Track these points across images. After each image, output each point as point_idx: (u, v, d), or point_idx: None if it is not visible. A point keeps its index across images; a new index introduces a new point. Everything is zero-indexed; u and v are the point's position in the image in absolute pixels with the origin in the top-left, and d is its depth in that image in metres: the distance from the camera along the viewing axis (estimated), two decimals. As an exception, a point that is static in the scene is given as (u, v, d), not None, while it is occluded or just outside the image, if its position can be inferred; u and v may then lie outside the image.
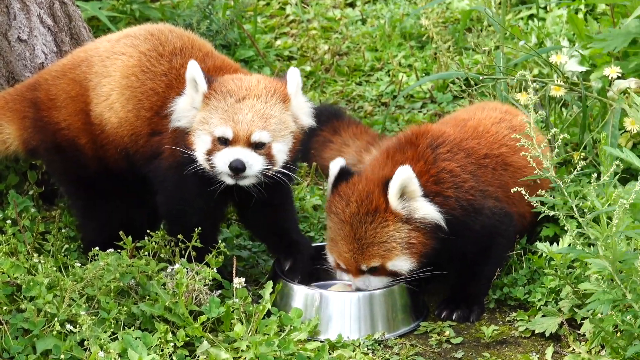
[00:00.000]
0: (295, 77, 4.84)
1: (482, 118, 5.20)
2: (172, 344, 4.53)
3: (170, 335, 4.54)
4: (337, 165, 4.94)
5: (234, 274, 4.79)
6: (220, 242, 5.03)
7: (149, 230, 4.96)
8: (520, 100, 5.65)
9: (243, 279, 4.77)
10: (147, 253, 4.90)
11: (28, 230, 5.22)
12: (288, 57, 7.67)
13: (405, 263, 4.81)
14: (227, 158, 4.71)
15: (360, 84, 7.35)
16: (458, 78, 6.75)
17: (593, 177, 4.39)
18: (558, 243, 4.92)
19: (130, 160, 5.06)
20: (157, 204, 5.05)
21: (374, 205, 4.77)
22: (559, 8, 7.54)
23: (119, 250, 4.86)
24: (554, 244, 4.89)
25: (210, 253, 4.81)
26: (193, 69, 4.78)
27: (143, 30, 5.15)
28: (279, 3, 8.37)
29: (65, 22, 5.73)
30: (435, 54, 7.38)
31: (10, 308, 4.52)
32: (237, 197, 4.95)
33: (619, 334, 4.44)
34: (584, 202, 4.44)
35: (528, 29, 7.36)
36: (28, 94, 5.23)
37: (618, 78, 5.66)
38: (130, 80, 5.00)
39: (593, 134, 5.65)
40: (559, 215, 4.34)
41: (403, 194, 4.75)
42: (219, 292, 4.90)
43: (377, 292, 4.88)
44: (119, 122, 5.02)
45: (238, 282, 4.75)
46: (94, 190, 5.16)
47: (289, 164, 4.84)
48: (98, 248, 4.85)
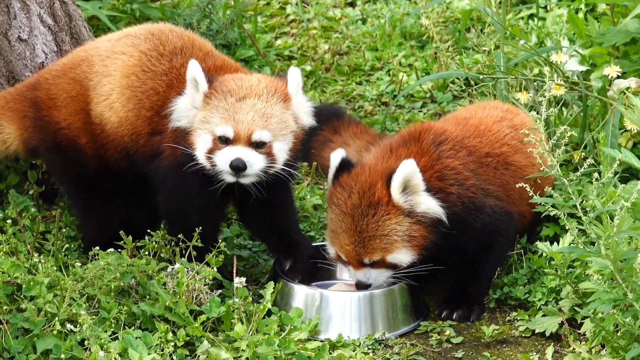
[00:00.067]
0: (296, 76, 4.84)
1: (483, 116, 5.19)
2: (172, 344, 4.52)
3: (171, 335, 4.54)
4: (338, 156, 4.92)
5: (235, 274, 4.79)
6: (221, 241, 5.03)
7: (149, 230, 4.96)
8: (521, 100, 5.65)
9: (243, 279, 4.77)
10: (147, 253, 4.90)
11: (28, 230, 5.22)
12: (288, 56, 7.67)
13: (406, 256, 4.80)
14: (228, 157, 4.71)
15: (361, 84, 7.35)
16: (458, 78, 6.75)
17: (594, 176, 4.39)
18: (558, 243, 4.91)
19: (131, 160, 5.06)
20: (157, 204, 5.05)
21: (377, 198, 4.75)
22: (559, 8, 7.54)
23: (120, 250, 4.86)
24: (554, 244, 4.88)
25: (211, 252, 4.81)
26: (194, 69, 4.78)
27: (143, 30, 5.15)
28: (279, 3, 8.37)
29: (66, 21, 5.72)
30: (436, 54, 7.38)
31: (11, 308, 4.52)
32: (237, 196, 4.95)
33: (620, 334, 4.43)
34: (586, 201, 4.44)
35: (528, 29, 7.36)
36: (28, 94, 5.22)
37: (618, 77, 5.66)
38: (131, 80, 5.00)
39: (593, 134, 5.65)
40: (560, 215, 4.34)
41: (406, 188, 4.73)
42: (220, 291, 4.89)
43: (377, 291, 4.88)
44: (120, 121, 5.02)
45: (238, 281, 4.75)
46: (94, 190, 5.15)
47: (290, 163, 4.84)
48: (98, 248, 4.85)
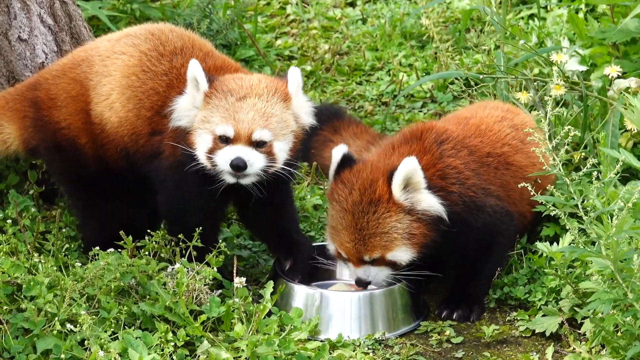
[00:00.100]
0: (296, 76, 4.84)
1: (484, 116, 5.19)
2: (172, 344, 4.52)
3: (171, 335, 4.54)
4: (339, 152, 4.91)
5: (235, 274, 4.79)
6: (221, 241, 5.03)
7: (149, 230, 4.96)
8: (521, 100, 5.64)
9: (243, 279, 4.76)
10: (147, 253, 4.90)
11: (28, 230, 5.22)
12: (288, 56, 7.67)
13: (405, 254, 4.80)
14: (228, 156, 4.71)
15: (361, 84, 7.35)
16: (457, 78, 6.74)
17: (594, 175, 4.39)
18: (558, 243, 4.91)
19: (131, 160, 5.06)
20: (157, 204, 5.05)
21: (377, 195, 4.74)
22: (560, 8, 7.53)
23: (120, 250, 4.86)
24: (554, 244, 4.88)
25: (211, 252, 4.81)
26: (194, 68, 4.78)
27: (143, 30, 5.15)
28: (280, 3, 8.37)
29: (66, 21, 5.73)
30: (436, 54, 7.38)
31: (11, 308, 4.51)
32: (237, 196, 4.95)
33: (620, 334, 4.43)
34: (587, 201, 4.43)
35: (528, 29, 7.36)
36: (28, 94, 5.22)
37: (618, 77, 5.66)
38: (131, 80, 5.00)
39: (593, 134, 5.64)
40: (561, 214, 4.34)
41: (407, 185, 4.73)
42: (220, 291, 4.89)
43: (377, 291, 4.88)
44: (120, 121, 5.02)
45: (238, 281, 4.75)
46: (94, 190, 5.15)
47: (290, 163, 4.84)
48: (98, 248, 4.85)
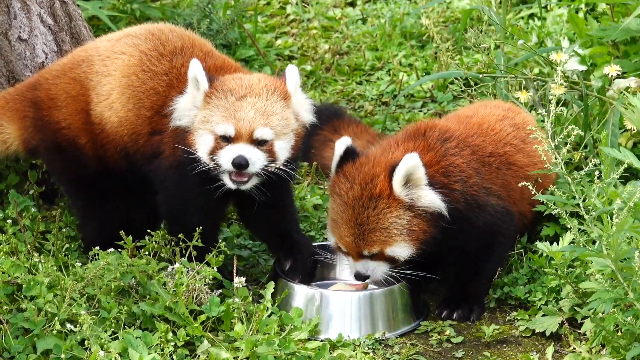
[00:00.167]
0: (294, 74, 4.84)
1: (485, 115, 5.19)
2: (172, 344, 4.52)
3: (171, 335, 4.54)
4: (343, 144, 4.89)
5: (235, 274, 4.79)
6: (221, 241, 5.03)
7: (149, 230, 4.96)
8: (521, 99, 5.64)
9: (243, 279, 4.77)
10: (147, 252, 4.90)
11: (28, 230, 5.22)
12: (288, 56, 7.67)
13: (405, 250, 4.79)
14: (230, 155, 4.70)
15: (361, 83, 7.35)
16: (457, 78, 6.74)
17: (595, 174, 4.39)
18: (558, 242, 4.92)
19: (131, 160, 5.06)
20: (157, 204, 5.05)
21: (378, 190, 4.73)
22: (560, 7, 7.53)
23: (120, 250, 4.86)
24: (555, 243, 4.88)
25: (211, 252, 4.81)
26: (195, 68, 4.78)
27: (144, 30, 5.15)
28: (280, 2, 8.37)
29: (66, 21, 5.73)
30: (436, 54, 7.38)
31: (11, 307, 4.51)
32: (237, 197, 4.95)
33: (620, 333, 4.43)
34: (588, 200, 4.43)
35: (528, 28, 7.36)
36: (28, 94, 5.22)
37: (618, 77, 5.66)
38: (131, 80, 5.00)
39: (593, 133, 5.64)
40: (561, 214, 4.34)
41: (408, 181, 4.71)
42: (220, 291, 4.89)
43: (377, 291, 4.88)
44: (120, 121, 5.02)
45: (238, 281, 4.75)
46: (94, 190, 5.15)
47: (291, 162, 4.84)
48: (98, 248, 4.85)
